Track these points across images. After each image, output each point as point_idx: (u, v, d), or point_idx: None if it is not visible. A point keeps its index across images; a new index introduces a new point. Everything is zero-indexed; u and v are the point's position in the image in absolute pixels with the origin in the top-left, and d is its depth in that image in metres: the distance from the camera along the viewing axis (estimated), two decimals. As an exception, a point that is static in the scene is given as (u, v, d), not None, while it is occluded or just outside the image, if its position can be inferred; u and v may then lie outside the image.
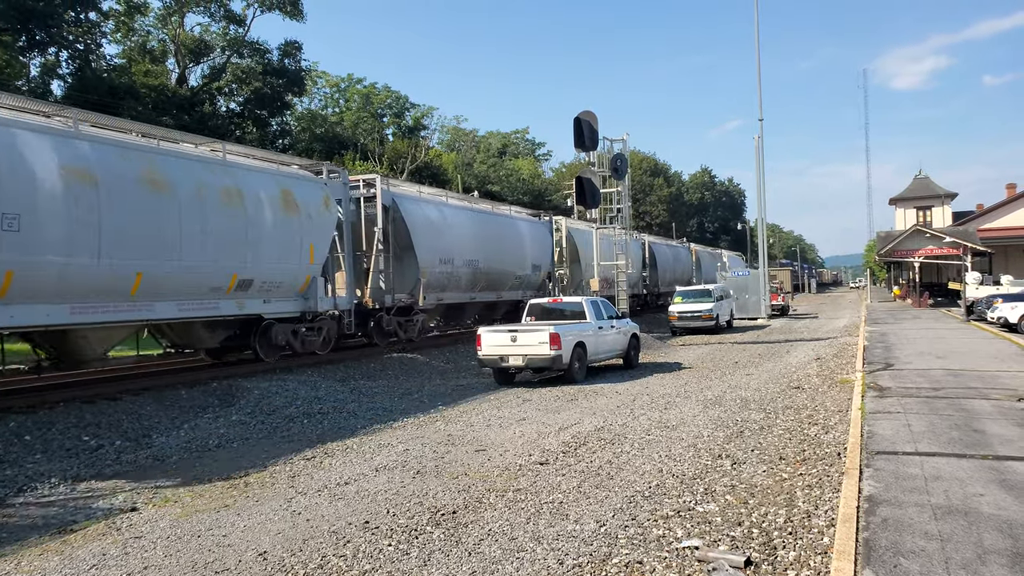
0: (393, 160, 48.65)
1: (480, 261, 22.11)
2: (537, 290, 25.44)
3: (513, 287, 24.65)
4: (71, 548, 6.05)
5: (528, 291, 24.94)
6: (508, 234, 24.25)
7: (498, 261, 23.15)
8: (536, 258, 25.66)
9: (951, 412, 9.82)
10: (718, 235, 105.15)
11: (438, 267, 20.21)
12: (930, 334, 22.57)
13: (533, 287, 25.75)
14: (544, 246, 26.57)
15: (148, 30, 43.47)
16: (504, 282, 24.00)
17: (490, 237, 23.00)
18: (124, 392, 12.32)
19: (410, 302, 19.35)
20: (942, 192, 54.62)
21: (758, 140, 35.88)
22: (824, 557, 5.16)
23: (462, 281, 21.61)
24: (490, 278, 22.99)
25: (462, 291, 21.97)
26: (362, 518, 6.45)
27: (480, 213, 23.70)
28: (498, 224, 24.17)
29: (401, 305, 19.20)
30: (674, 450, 8.58)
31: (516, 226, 25.12)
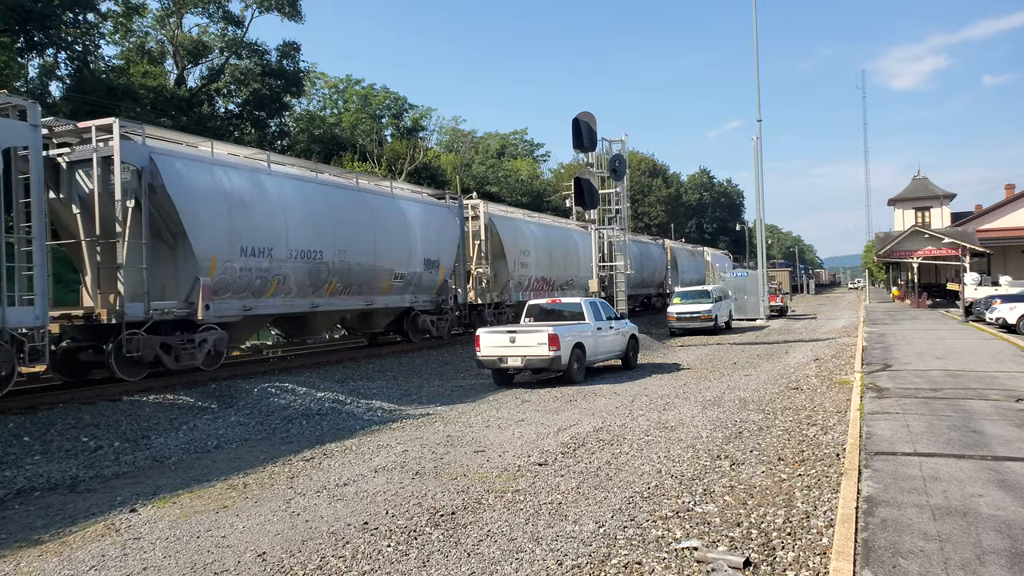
0: (392, 161, 48.63)
1: (326, 253, 16.22)
2: (438, 293, 21.00)
3: (395, 290, 19.10)
4: (70, 549, 6.04)
5: (422, 295, 20.35)
6: (384, 217, 18.45)
7: (363, 253, 17.44)
8: (432, 251, 20.30)
9: (950, 413, 9.83)
10: (716, 236, 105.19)
11: (237, 261, 14.02)
12: (929, 335, 22.60)
13: (428, 290, 20.59)
14: (446, 236, 21.28)
15: (146, 31, 43.41)
16: (375, 283, 18.24)
17: (347, 220, 17.10)
18: (123, 393, 12.31)
19: (185, 313, 13.32)
20: (941, 193, 54.69)
21: (757, 141, 35.93)
22: (823, 558, 5.17)
23: (290, 281, 15.32)
24: (350, 277, 17.16)
25: (292, 296, 15.57)
26: (361, 519, 6.45)
27: (327, 187, 17.17)
28: (363, 203, 17.98)
29: (166, 319, 13.10)
30: (673, 451, 8.59)
31: (398, 208, 19.26)
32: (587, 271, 29.41)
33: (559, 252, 28.59)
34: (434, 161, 57.24)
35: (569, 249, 29.59)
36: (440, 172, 54.93)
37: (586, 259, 29.57)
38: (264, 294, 14.89)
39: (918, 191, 55.38)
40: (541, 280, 27.08)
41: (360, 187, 18.52)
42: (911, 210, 54.50)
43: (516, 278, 25.18)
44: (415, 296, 20.03)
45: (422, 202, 21.03)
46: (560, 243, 29.03)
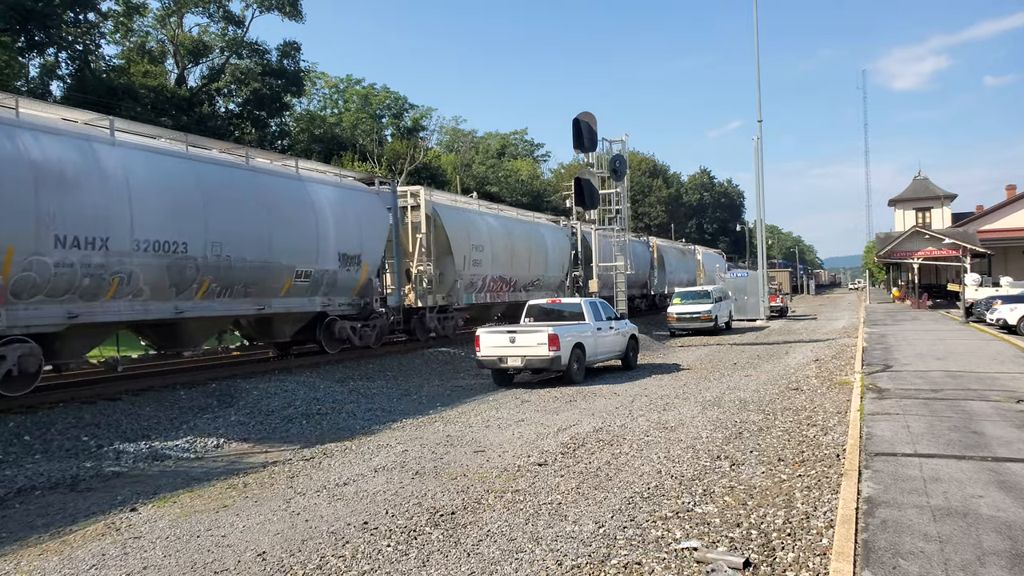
0: (392, 161, 48.64)
1: (193, 246, 12.91)
2: (360, 295, 17.61)
3: (299, 291, 15.63)
4: (70, 548, 6.04)
5: (339, 297, 16.97)
6: (282, 203, 15.07)
7: (251, 247, 14.12)
8: (352, 245, 16.98)
9: (950, 414, 9.83)
10: (716, 236, 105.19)
11: (51, 254, 10.82)
12: (929, 336, 22.59)
13: (347, 291, 17.17)
14: (372, 227, 17.89)
15: (147, 31, 43.47)
16: (270, 283, 14.79)
17: (228, 206, 13.74)
18: (123, 392, 12.32)
19: None
20: (941, 193, 54.70)
21: (757, 141, 35.94)
22: (823, 558, 5.17)
23: (138, 280, 12.14)
24: (231, 276, 13.78)
25: (145, 298, 12.41)
26: (361, 519, 6.45)
27: (200, 163, 13.65)
28: (254, 186, 14.50)
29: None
30: (673, 451, 8.59)
31: (303, 192, 15.78)
32: (558, 270, 27.94)
33: (523, 249, 25.42)
34: (434, 161, 57.24)
35: (535, 245, 26.51)
36: (440, 172, 54.96)
37: (557, 257, 27.83)
38: (100, 296, 11.62)
39: (919, 192, 55.39)
40: (499, 280, 24.03)
41: (252, 166, 14.84)
42: (912, 211, 54.51)
43: (467, 277, 21.97)
44: (328, 299, 16.63)
45: (338, 186, 17.34)
46: (524, 238, 25.80)
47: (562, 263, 28.67)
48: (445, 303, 21.52)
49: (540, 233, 27.55)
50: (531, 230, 27.07)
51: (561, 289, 28.55)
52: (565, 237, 29.34)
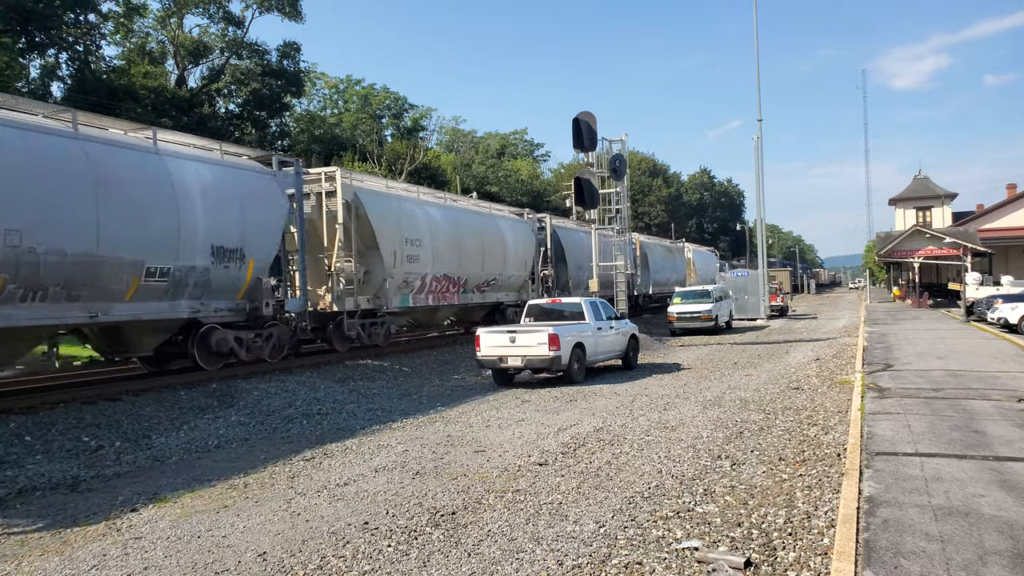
0: (392, 161, 48.66)
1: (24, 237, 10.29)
2: (247, 298, 14.58)
3: (152, 294, 12.54)
4: (71, 548, 6.04)
5: (216, 301, 13.91)
6: (123, 182, 11.87)
7: (73, 236, 11.03)
8: (231, 236, 13.85)
9: (951, 413, 9.82)
10: (717, 235, 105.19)
11: None
12: (930, 335, 22.58)
13: (227, 294, 14.14)
14: (261, 214, 14.62)
15: (147, 32, 43.49)
16: (106, 283, 11.65)
17: (32, 182, 10.51)
18: (124, 393, 12.32)
19: None
20: (942, 192, 54.68)
21: (757, 140, 35.92)
22: (824, 558, 5.16)
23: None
24: (39, 274, 10.59)
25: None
26: (361, 519, 6.45)
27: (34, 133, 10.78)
28: (81, 159, 11.29)
29: None
30: (673, 451, 8.58)
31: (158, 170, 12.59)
32: (519, 268, 25.21)
33: (474, 244, 22.37)
34: (434, 161, 57.25)
35: (491, 241, 23.42)
36: (440, 172, 54.96)
37: (519, 253, 25.02)
38: None
39: (919, 191, 55.38)
40: (444, 280, 21.03)
41: (80, 133, 11.50)
42: (912, 210, 54.51)
43: (400, 276, 18.78)
44: (202, 303, 13.58)
45: (214, 163, 14.01)
46: (476, 232, 22.68)
47: (525, 260, 25.80)
48: (372, 306, 18.31)
49: (497, 226, 24.33)
50: (485, 223, 23.90)
51: (524, 289, 25.92)
52: (530, 231, 26.57)
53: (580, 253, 29.63)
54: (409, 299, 19.67)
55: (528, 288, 26.13)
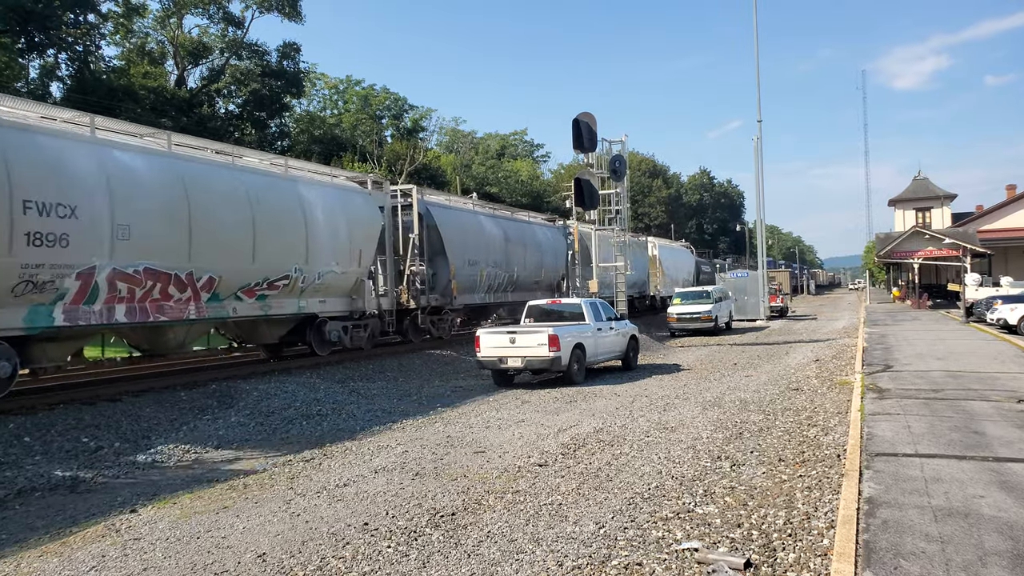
0: (392, 161, 48.65)
1: None
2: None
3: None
4: (70, 550, 6.04)
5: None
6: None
7: None
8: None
9: (951, 414, 9.82)
10: (716, 236, 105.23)
11: None
12: (929, 335, 22.58)
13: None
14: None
15: (147, 32, 43.47)
16: None
17: None
18: (124, 393, 12.31)
19: None
20: (941, 193, 54.71)
21: (757, 141, 35.94)
22: (824, 559, 5.16)
23: None
24: None
25: None
26: (361, 520, 6.44)
27: None
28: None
29: None
30: (673, 452, 8.58)
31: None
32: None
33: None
34: (434, 162, 57.26)
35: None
36: (440, 173, 54.97)
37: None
38: None
39: (919, 192, 55.41)
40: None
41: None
42: (912, 211, 54.54)
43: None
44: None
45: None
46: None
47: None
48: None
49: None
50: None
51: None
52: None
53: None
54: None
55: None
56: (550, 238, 28.06)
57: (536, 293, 25.30)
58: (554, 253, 27.95)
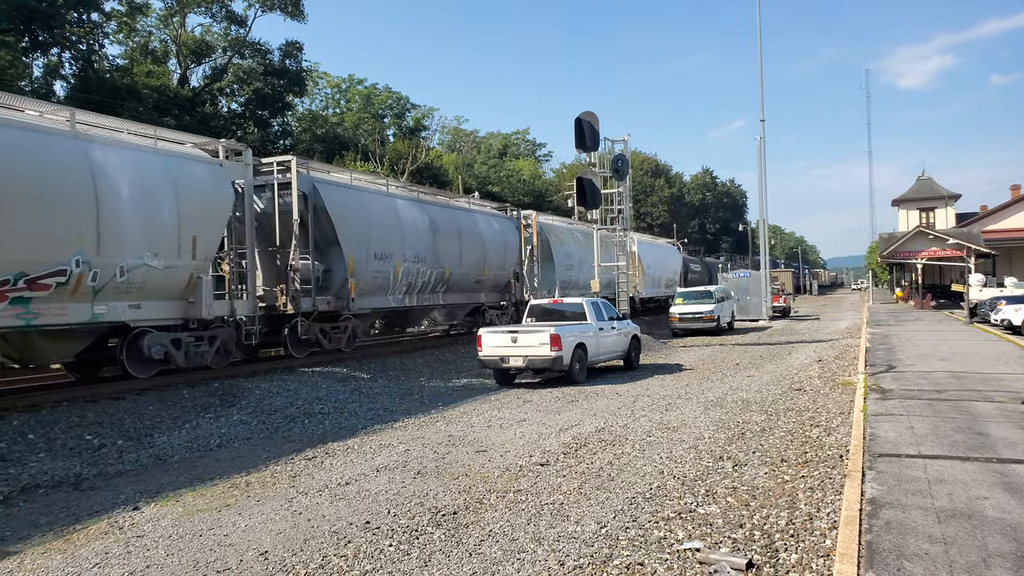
0: (394, 161, 48.68)
1: None
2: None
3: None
4: (74, 547, 6.05)
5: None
6: None
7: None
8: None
9: (954, 415, 9.80)
10: (719, 236, 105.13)
11: None
12: (933, 336, 22.53)
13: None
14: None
15: (150, 31, 43.55)
16: None
17: None
18: (127, 391, 12.33)
19: None
20: (945, 193, 54.61)
21: (760, 141, 35.87)
22: (826, 560, 5.15)
23: None
24: None
25: None
26: (363, 518, 6.44)
27: None
28: None
29: None
30: (675, 452, 8.57)
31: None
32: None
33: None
34: (436, 161, 57.27)
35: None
36: (442, 172, 54.97)
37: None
38: None
39: (922, 191, 55.31)
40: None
41: None
42: (915, 211, 54.45)
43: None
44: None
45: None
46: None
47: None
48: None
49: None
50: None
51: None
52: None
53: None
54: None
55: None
56: (497, 229, 23.98)
57: (479, 294, 22.94)
58: (502, 247, 23.96)
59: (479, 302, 23.46)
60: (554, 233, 28.09)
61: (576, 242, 29.47)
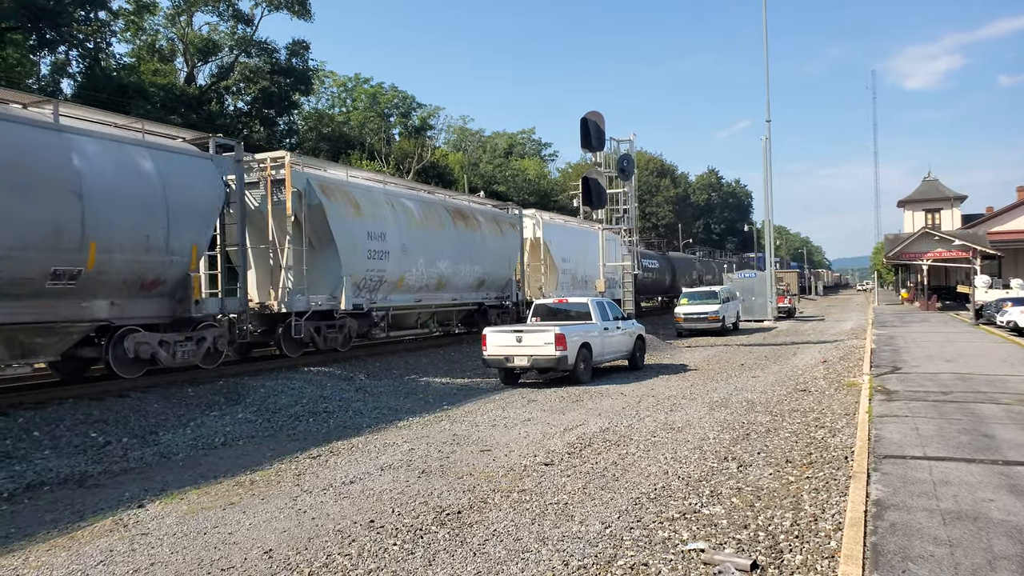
0: (400, 160, 48.73)
1: None
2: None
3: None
4: (78, 544, 6.07)
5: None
6: None
7: None
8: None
9: (960, 416, 9.76)
10: (724, 236, 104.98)
11: None
12: (938, 337, 22.45)
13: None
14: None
15: (157, 29, 43.73)
16: None
17: None
18: (132, 389, 12.37)
19: None
20: (951, 194, 54.41)
21: (765, 141, 35.80)
22: (831, 561, 5.14)
23: None
24: None
25: None
26: (367, 517, 6.45)
27: None
28: None
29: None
30: (680, 452, 8.56)
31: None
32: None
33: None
34: (442, 160, 57.32)
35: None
36: (448, 171, 55.01)
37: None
38: None
39: (928, 193, 55.11)
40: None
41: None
42: (921, 212, 54.26)
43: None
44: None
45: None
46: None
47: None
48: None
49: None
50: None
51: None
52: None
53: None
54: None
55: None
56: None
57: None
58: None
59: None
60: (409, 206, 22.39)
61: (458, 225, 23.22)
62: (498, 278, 23.49)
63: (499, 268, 23.43)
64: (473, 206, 23.83)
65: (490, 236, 22.97)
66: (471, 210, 23.02)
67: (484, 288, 22.89)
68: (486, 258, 22.54)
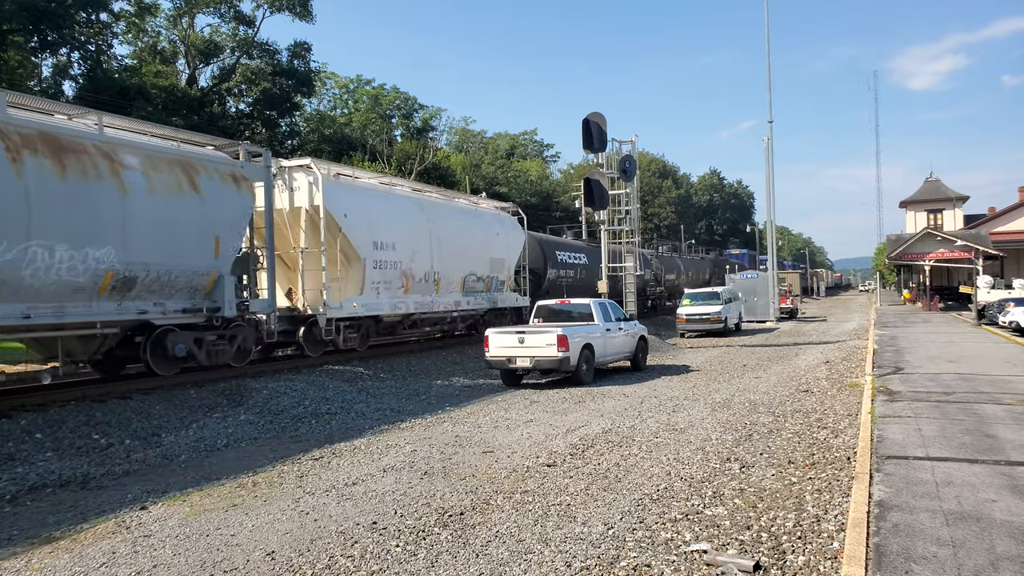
0: (401, 161, 48.75)
1: None
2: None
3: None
4: (81, 546, 6.07)
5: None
6: None
7: None
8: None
9: (962, 417, 9.75)
10: (726, 237, 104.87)
11: None
12: (941, 338, 22.42)
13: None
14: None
15: (159, 31, 43.81)
16: None
17: None
18: (134, 391, 12.38)
19: None
20: (953, 195, 54.36)
21: (767, 142, 35.79)
22: (834, 562, 5.13)
23: None
24: None
25: None
26: (370, 519, 6.45)
27: None
28: None
29: None
30: (682, 453, 8.55)
31: None
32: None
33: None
34: (444, 161, 57.34)
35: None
36: (450, 172, 55.02)
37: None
38: None
39: (930, 193, 55.06)
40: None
41: None
42: (923, 212, 54.21)
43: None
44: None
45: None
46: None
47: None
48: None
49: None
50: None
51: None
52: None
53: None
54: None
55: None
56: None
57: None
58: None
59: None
60: None
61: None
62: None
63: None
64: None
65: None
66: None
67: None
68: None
